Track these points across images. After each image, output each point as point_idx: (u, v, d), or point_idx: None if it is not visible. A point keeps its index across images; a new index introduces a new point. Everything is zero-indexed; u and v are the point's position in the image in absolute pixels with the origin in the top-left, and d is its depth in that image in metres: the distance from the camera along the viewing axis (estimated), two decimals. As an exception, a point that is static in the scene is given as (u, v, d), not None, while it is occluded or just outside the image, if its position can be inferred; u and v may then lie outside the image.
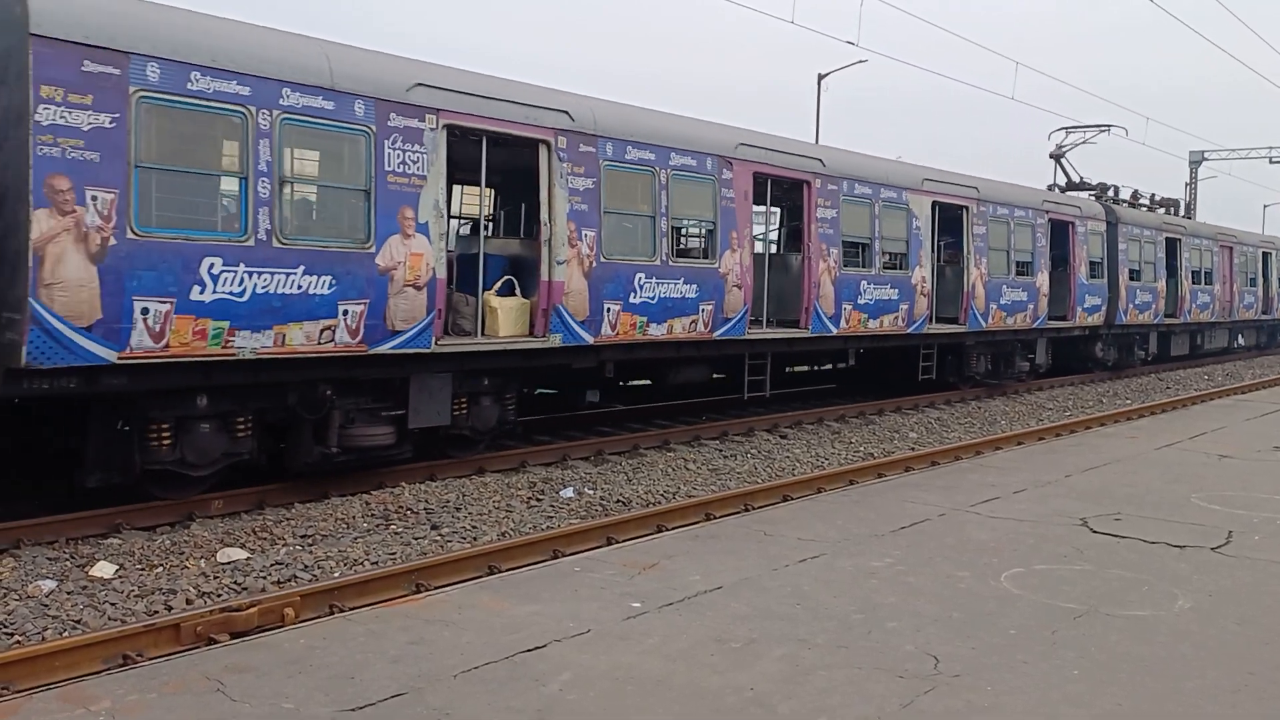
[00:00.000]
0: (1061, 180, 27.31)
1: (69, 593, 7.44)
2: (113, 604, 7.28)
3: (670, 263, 13.10)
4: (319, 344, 9.71)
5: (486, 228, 12.86)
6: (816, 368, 20.46)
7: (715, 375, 15.84)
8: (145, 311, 8.54)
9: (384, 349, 10.25)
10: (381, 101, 10.13)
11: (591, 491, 11.25)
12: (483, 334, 11.47)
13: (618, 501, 10.94)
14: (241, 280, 9.09)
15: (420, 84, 10.52)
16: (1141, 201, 28.44)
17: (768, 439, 14.99)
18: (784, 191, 16.52)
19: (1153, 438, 13.98)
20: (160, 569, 8.06)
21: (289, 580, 7.96)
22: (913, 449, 14.75)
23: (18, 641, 6.58)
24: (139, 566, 8.10)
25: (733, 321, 14.04)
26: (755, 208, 14.98)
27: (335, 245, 9.87)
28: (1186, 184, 50.15)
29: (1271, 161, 48.04)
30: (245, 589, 7.71)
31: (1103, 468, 11.50)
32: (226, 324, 9.02)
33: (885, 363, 19.11)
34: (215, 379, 9.33)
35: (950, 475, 11.22)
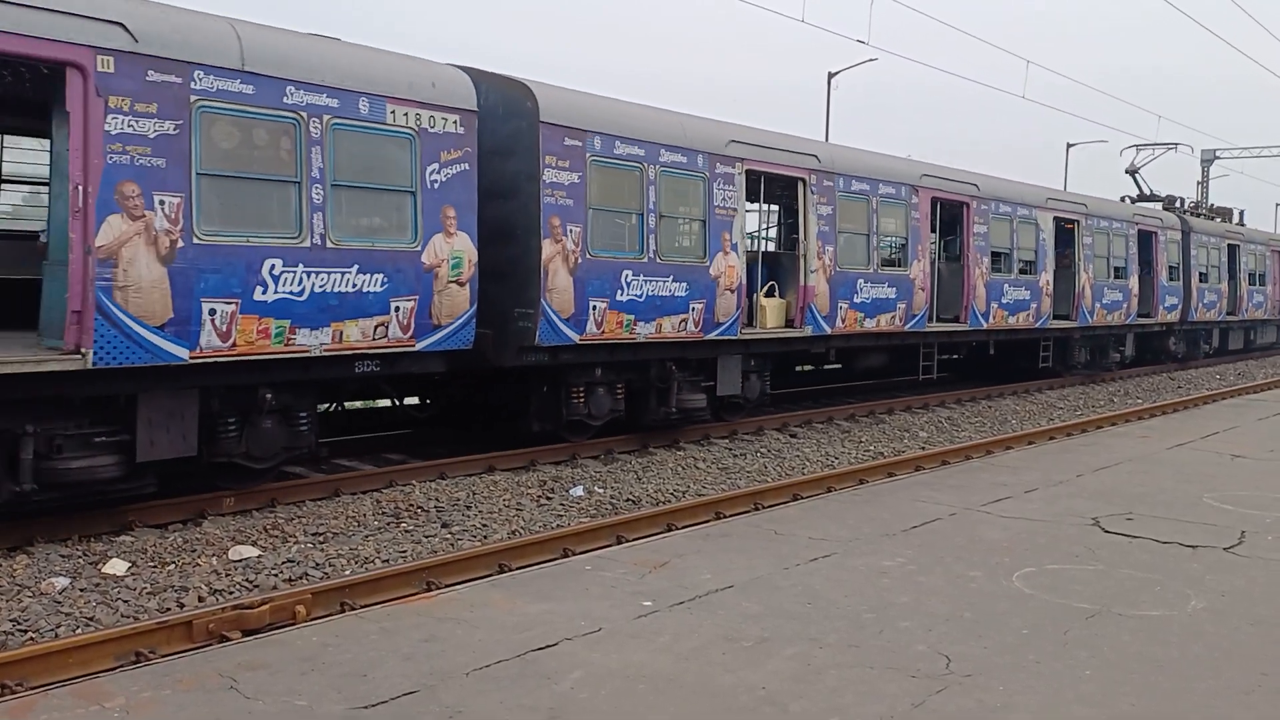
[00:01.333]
0: (1134, 193, 31.03)
1: (82, 590, 7.48)
2: (125, 601, 7.31)
3: (878, 272, 16.83)
4: (678, 331, 13.43)
5: (764, 245, 17.17)
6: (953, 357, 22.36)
7: (832, 365, 19.42)
8: (593, 309, 12.47)
9: (710, 336, 13.86)
10: (710, 155, 13.83)
11: (601, 490, 11.26)
12: (755, 326, 14.93)
13: (627, 500, 10.95)
14: (635, 285, 12.92)
15: (732, 140, 14.29)
16: (1200, 211, 32.15)
17: (777, 438, 14.99)
18: (946, 208, 19.28)
19: (1164, 437, 13.93)
20: (172, 566, 8.10)
21: (300, 578, 7.99)
22: (923, 448, 14.73)
23: (31, 638, 6.62)
24: (151, 564, 8.14)
25: (918, 317, 17.78)
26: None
27: (691, 260, 13.57)
28: (1199, 182, 49.94)
29: (1284, 159, 47.74)
30: (257, 586, 7.74)
31: (1114, 467, 11.46)
32: (632, 317, 12.86)
33: (1011, 353, 21.99)
34: (617, 356, 13.05)
35: (961, 474, 11.20)
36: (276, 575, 8.00)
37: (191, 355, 8.76)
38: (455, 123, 10.76)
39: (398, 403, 13.21)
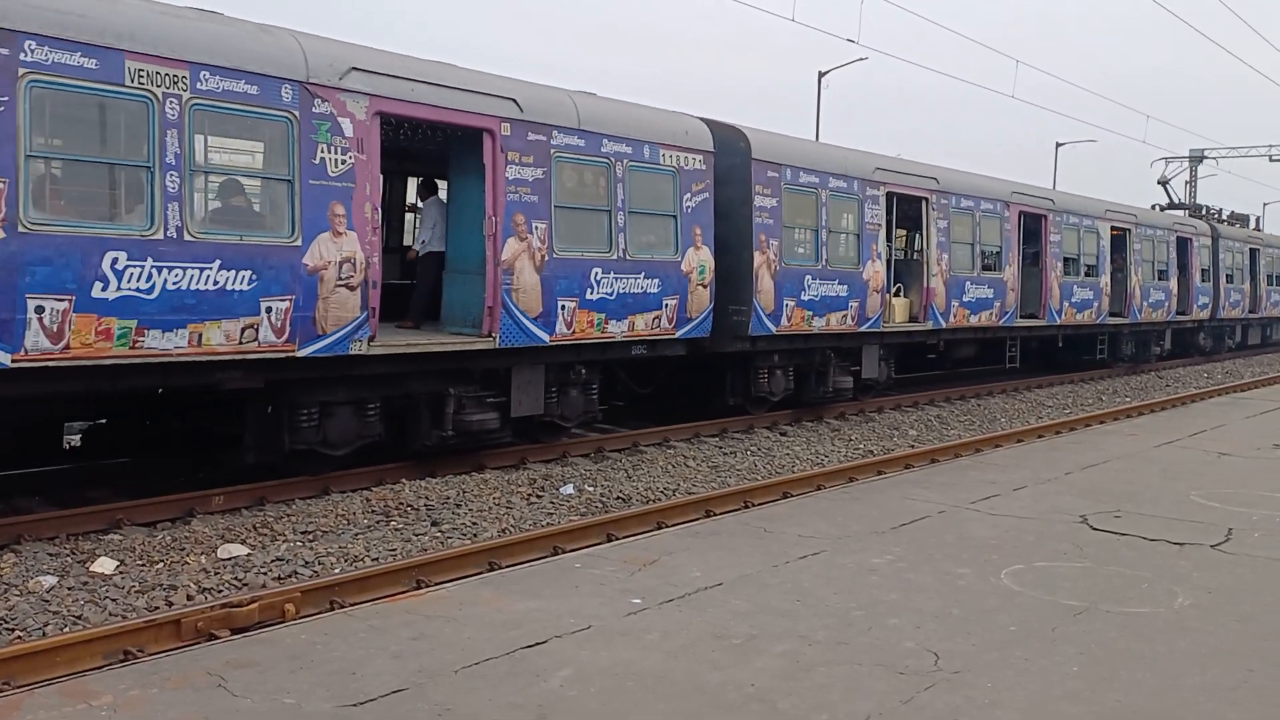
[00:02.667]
0: (1164, 201, 34.93)
1: (70, 588, 7.44)
2: (113, 600, 7.28)
3: (980, 275, 19.57)
4: (840, 325, 16.24)
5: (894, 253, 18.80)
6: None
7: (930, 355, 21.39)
8: (786, 306, 15.04)
9: (861, 329, 16.62)
10: (862, 180, 16.63)
11: (591, 488, 11.26)
12: (886, 322, 17.43)
13: (618, 498, 10.95)
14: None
15: (877, 168, 17.07)
16: (1224, 218, 34.42)
17: (767, 436, 15.01)
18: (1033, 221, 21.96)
19: (1152, 435, 13.99)
20: (161, 565, 8.07)
21: (289, 576, 7.97)
22: (912, 446, 14.76)
23: (19, 637, 6.58)
24: (140, 562, 8.11)
25: (1009, 314, 20.51)
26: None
27: (850, 267, 16.36)
28: (1186, 182, 50.11)
29: (1271, 159, 47.93)
30: (246, 585, 7.72)
31: (1102, 465, 11.51)
32: (811, 313, 15.64)
33: (1074, 346, 25.00)
34: (795, 345, 15.80)
35: (950, 472, 11.23)
36: (265, 573, 7.98)
37: (551, 339, 11.95)
38: (700, 161, 13.82)
39: (628, 380, 15.14)
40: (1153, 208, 31.85)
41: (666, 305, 13.27)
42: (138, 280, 8.49)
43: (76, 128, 8.49)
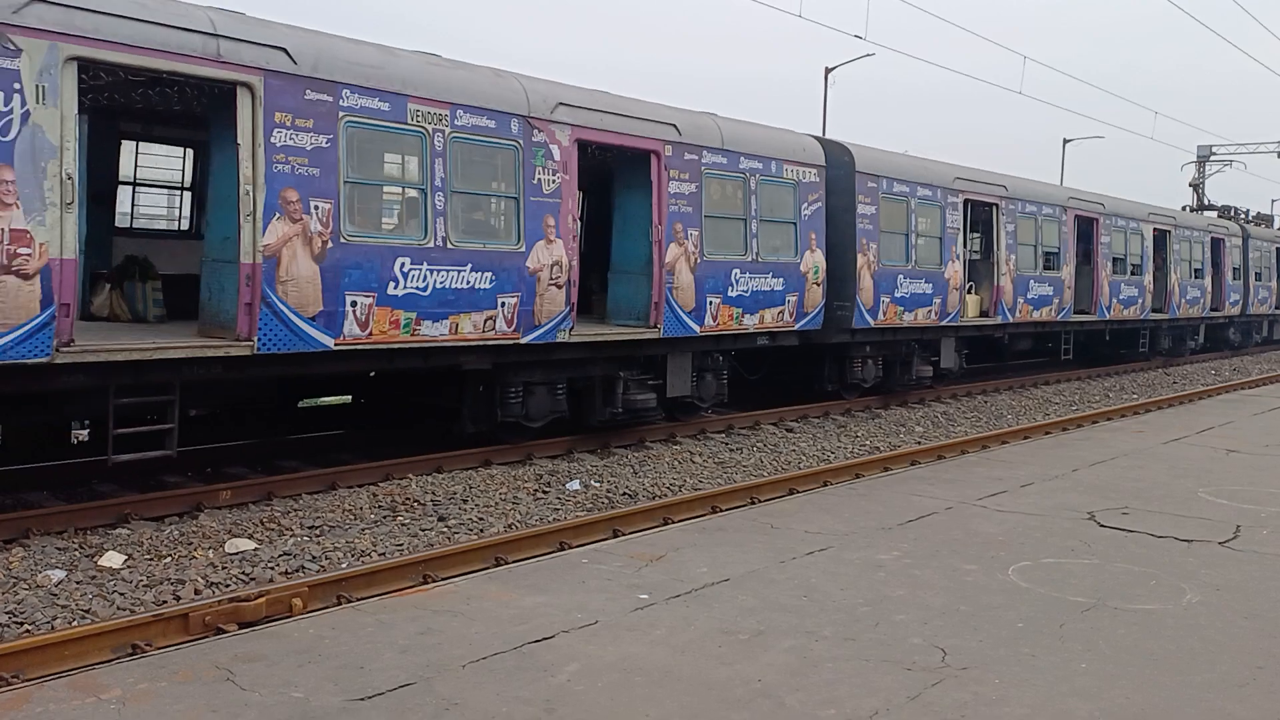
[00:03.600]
0: (1194, 202, 37.66)
1: (78, 582, 7.47)
2: (121, 594, 7.30)
3: (1042, 274, 21.17)
4: (924, 320, 17.87)
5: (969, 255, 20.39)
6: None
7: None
8: (881, 302, 16.76)
9: (942, 323, 18.38)
10: (944, 189, 18.41)
11: (598, 484, 11.26)
12: (961, 317, 19.01)
13: (624, 494, 10.95)
14: (904, 284, 17.38)
15: (957, 177, 18.87)
16: (1250, 220, 36.13)
17: (773, 432, 15.00)
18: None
19: (1159, 433, 13.96)
20: (168, 559, 8.09)
21: (297, 571, 7.99)
22: (919, 443, 14.74)
23: (28, 630, 6.61)
24: (147, 557, 8.13)
25: (1066, 310, 22.13)
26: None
27: (933, 268, 17.99)
28: (1193, 180, 49.93)
29: (1280, 156, 47.75)
30: (253, 579, 7.74)
31: (1110, 462, 11.49)
32: (901, 308, 17.34)
33: (1119, 340, 26.63)
34: (886, 338, 17.45)
35: (957, 469, 11.22)
36: (273, 568, 8.00)
37: (700, 330, 13.61)
38: (814, 174, 15.65)
39: (737, 368, 16.30)
40: (1182, 209, 33.85)
41: (788, 301, 15.21)
42: (417, 280, 10.42)
43: (375, 158, 10.61)
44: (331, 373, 10.83)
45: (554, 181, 11.72)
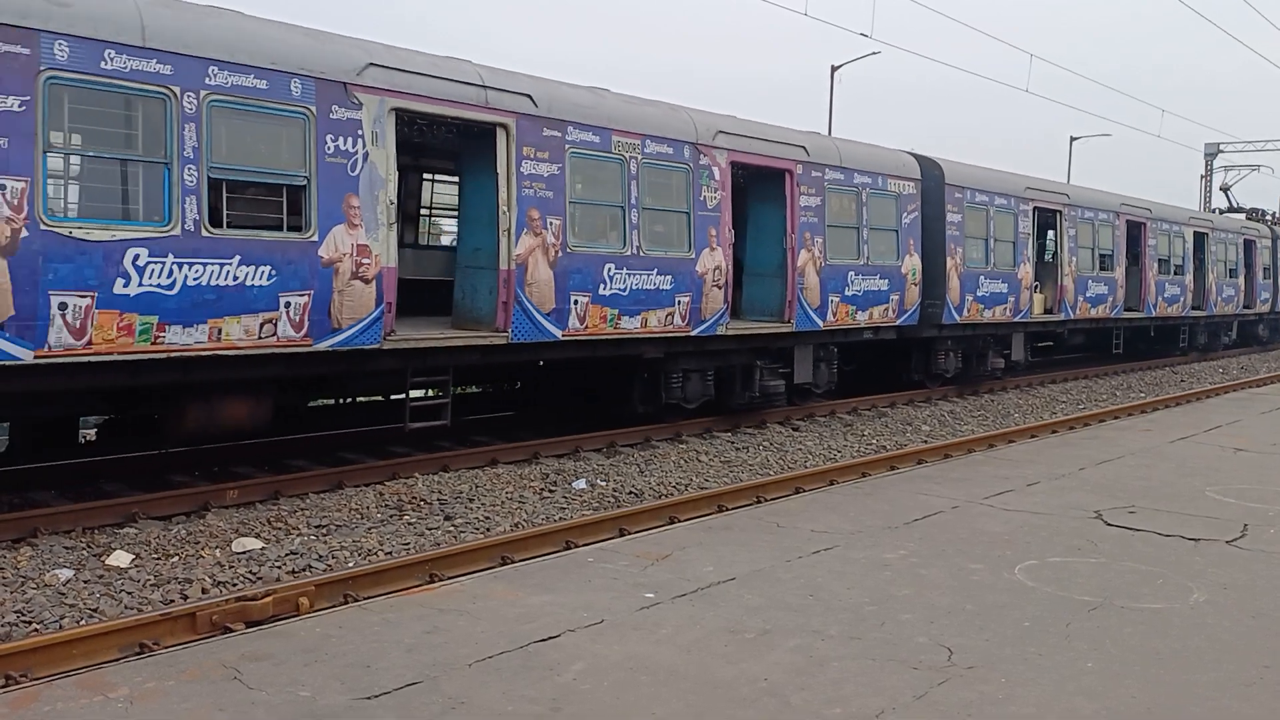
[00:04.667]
0: (1223, 204, 39.22)
1: (86, 581, 7.50)
2: (129, 593, 7.33)
3: (1098, 274, 23.13)
4: (1002, 316, 19.86)
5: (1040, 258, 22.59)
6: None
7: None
8: (966, 300, 18.74)
9: (1014, 319, 20.28)
10: (1017, 197, 20.34)
11: (604, 483, 11.27)
12: (1029, 313, 20.94)
13: (630, 493, 10.96)
14: (983, 285, 19.36)
15: (1028, 187, 20.86)
16: (1277, 221, 38.00)
17: (780, 431, 15.00)
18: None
19: (1167, 431, 13.93)
20: (176, 558, 8.12)
21: (303, 570, 8.01)
22: (925, 441, 14.73)
23: (36, 630, 6.63)
24: (155, 556, 8.15)
25: (1118, 308, 24.04)
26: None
27: (1008, 269, 19.93)
28: (1202, 176, 49.84)
29: (1289, 153, 47.81)
30: (260, 578, 7.76)
31: (1116, 461, 11.46)
32: (982, 305, 19.16)
33: (1161, 336, 28.45)
34: (965, 332, 19.21)
35: (963, 468, 11.20)
36: (279, 567, 8.02)
37: (824, 324, 15.63)
38: (912, 187, 17.62)
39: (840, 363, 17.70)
40: (1213, 211, 36.79)
41: (892, 300, 17.18)
42: (619, 283, 12.49)
43: (589, 182, 12.41)
44: (555, 358, 12.75)
45: (715, 198, 13.76)
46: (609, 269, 12.37)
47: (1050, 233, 23.32)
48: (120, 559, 7.97)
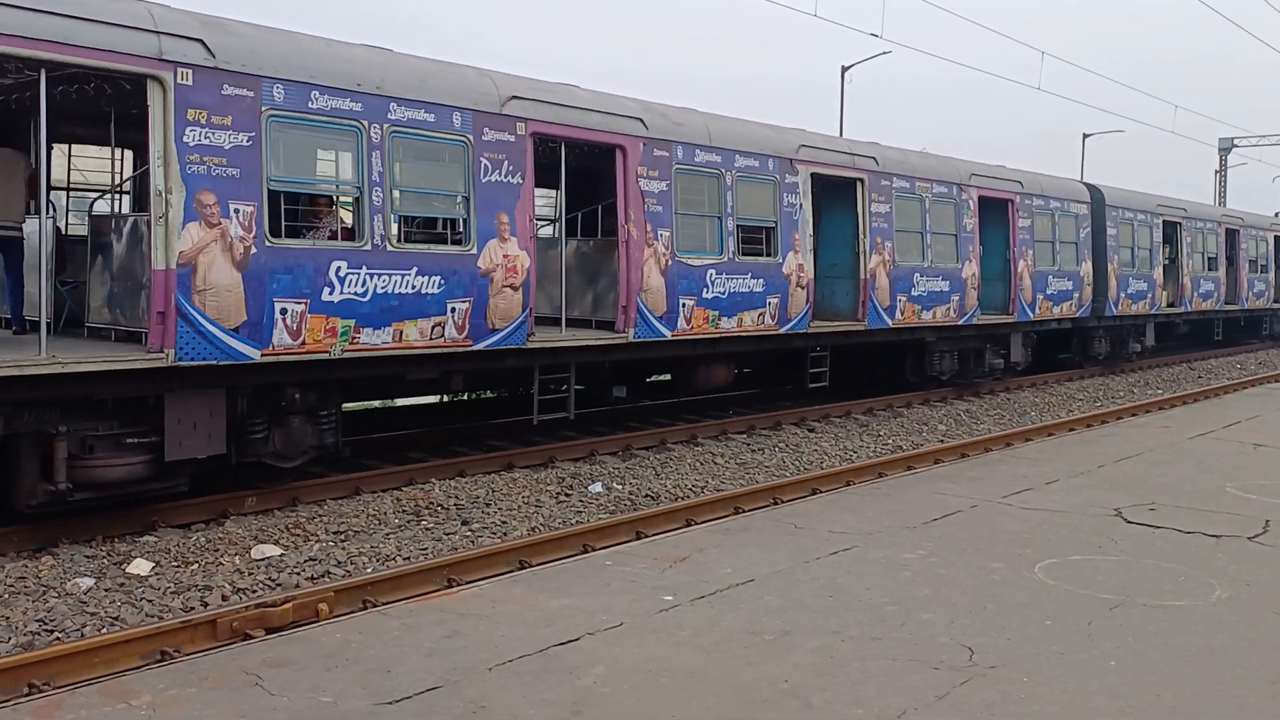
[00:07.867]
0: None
1: (107, 590, 7.53)
2: (150, 601, 7.36)
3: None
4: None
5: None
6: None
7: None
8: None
9: (1151, 311, 24.69)
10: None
11: (620, 486, 11.26)
12: (1160, 306, 24.39)
13: (646, 496, 10.95)
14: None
15: (1160, 204, 25.22)
16: None
17: (795, 432, 14.96)
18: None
19: (1186, 427, 13.84)
20: (195, 566, 8.15)
21: (322, 576, 8.03)
22: (942, 441, 14.67)
23: (58, 638, 6.67)
24: (175, 563, 8.19)
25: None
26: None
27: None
28: (1216, 171, 49.57)
29: (1303, 147, 47.46)
30: (280, 585, 7.78)
31: (1135, 458, 11.40)
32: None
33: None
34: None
35: (980, 467, 11.16)
36: (299, 574, 8.04)
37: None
38: (1084, 207, 22.03)
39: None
40: (1276, 215, 38.87)
41: (1074, 297, 20.97)
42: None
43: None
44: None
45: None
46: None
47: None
48: (140, 567, 8.01)
